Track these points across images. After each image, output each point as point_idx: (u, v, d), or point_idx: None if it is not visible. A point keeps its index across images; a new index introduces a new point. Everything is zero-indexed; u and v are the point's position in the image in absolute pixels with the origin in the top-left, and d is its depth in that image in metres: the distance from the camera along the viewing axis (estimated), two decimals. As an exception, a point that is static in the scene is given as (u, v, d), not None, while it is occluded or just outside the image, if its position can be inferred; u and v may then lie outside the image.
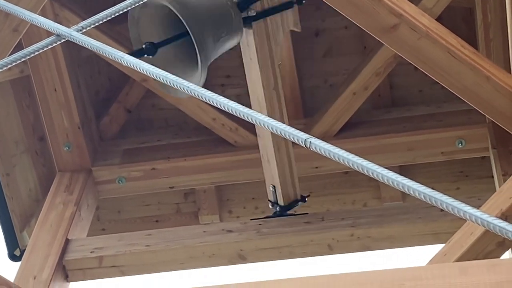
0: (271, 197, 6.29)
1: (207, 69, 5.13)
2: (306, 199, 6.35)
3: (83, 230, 6.60)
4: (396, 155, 6.78)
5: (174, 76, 2.72)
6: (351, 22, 4.62)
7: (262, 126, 2.60)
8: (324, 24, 7.33)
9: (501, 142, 5.99)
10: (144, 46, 5.11)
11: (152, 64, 3.13)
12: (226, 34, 5.43)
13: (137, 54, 5.07)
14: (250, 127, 6.54)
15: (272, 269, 6.76)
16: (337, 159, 2.38)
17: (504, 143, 5.85)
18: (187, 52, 5.35)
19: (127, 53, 3.95)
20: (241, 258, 6.36)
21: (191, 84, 2.66)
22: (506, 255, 4.81)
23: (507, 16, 3.74)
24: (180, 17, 5.08)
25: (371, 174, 2.28)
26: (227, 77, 7.06)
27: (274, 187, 6.25)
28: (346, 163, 2.34)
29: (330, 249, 6.31)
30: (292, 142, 2.52)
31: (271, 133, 4.94)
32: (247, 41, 5.66)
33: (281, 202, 6.25)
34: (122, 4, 3.16)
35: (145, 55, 5.08)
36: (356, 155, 2.37)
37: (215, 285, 1.72)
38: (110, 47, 2.95)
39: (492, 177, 6.30)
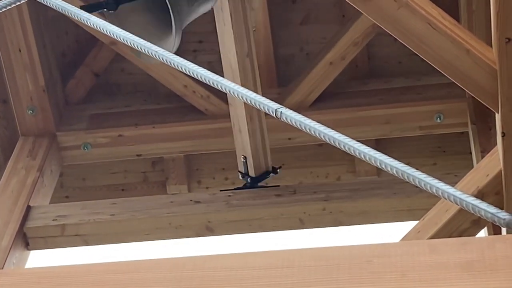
0: (241, 168, 6.32)
1: (181, 34, 5.13)
2: (278, 170, 6.38)
3: (46, 197, 6.59)
4: (373, 128, 6.79)
5: (143, 40, 2.73)
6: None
7: (233, 94, 2.62)
8: (302, -10, 7.25)
9: (480, 118, 6.01)
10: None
11: (123, 29, 3.15)
12: (200, -3, 5.45)
13: (95, 7, 5.04)
14: (222, 95, 6.40)
15: (241, 243, 6.78)
16: (308, 130, 2.40)
17: (483, 119, 5.87)
18: (160, 17, 5.37)
19: (81, 7, 3.95)
20: (208, 230, 6.36)
21: (160, 49, 2.67)
22: (481, 233, 4.85)
23: None
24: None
25: (343, 147, 2.31)
26: (199, 43, 7.04)
27: (245, 157, 6.27)
28: (318, 135, 2.37)
29: (302, 223, 6.33)
30: (265, 113, 2.52)
31: (244, 102, 4.97)
32: (221, 5, 5.66)
33: (252, 173, 6.28)
34: None
35: (105, 10, 5.08)
36: (330, 127, 2.39)
37: (180, 257, 1.73)
38: (75, 7, 2.95)
39: (470, 153, 6.33)
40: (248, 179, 6.34)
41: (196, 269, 1.64)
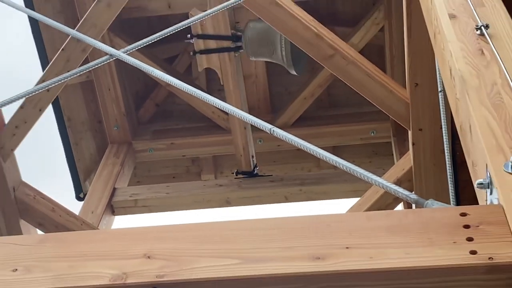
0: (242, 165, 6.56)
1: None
2: (257, 167, 6.57)
3: (125, 182, 6.69)
4: (331, 139, 6.82)
5: (185, 84, 2.73)
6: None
7: (242, 118, 2.62)
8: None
9: (399, 133, 6.07)
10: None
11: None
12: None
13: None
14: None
15: (248, 212, 6.84)
16: (290, 141, 2.41)
17: (401, 133, 5.91)
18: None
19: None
20: (227, 203, 6.56)
21: (197, 90, 2.67)
22: (399, 207, 4.88)
23: (405, 51, 3.75)
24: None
25: (312, 152, 2.31)
26: (222, 86, 7.05)
27: (253, 156, 6.45)
28: (296, 144, 2.38)
29: (286, 199, 6.44)
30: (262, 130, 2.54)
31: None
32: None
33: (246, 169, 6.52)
34: (154, 36, 3.17)
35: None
36: (303, 139, 2.40)
37: (208, 222, 1.72)
38: (145, 64, 2.96)
39: (393, 155, 6.36)
40: (255, 170, 6.55)
41: (216, 229, 1.62)
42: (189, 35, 5.77)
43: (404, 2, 3.50)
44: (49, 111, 6.18)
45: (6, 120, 4.85)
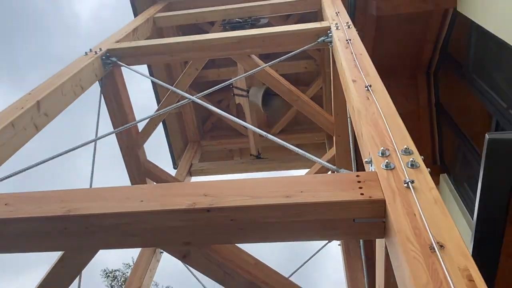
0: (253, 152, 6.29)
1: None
2: (260, 153, 6.15)
3: (196, 160, 6.43)
4: (298, 141, 6.46)
5: (230, 116, 2.70)
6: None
7: (253, 129, 2.57)
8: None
9: (329, 138, 5.71)
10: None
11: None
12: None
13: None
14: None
15: (256, 175, 6.65)
16: (277, 142, 2.37)
17: (330, 138, 5.55)
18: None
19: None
20: (245, 170, 6.28)
21: (233, 117, 2.63)
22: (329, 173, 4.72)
23: (332, 98, 3.58)
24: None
25: (284, 145, 2.26)
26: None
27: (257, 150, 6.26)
28: (278, 142, 2.33)
29: (274, 169, 6.25)
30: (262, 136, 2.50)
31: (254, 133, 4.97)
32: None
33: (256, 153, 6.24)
34: (212, 88, 3.13)
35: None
36: (284, 140, 2.36)
37: (235, 179, 1.63)
38: (206, 103, 2.91)
39: (326, 148, 6.19)
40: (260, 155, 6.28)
41: (238, 182, 1.58)
42: (231, 87, 5.75)
43: (331, 75, 3.36)
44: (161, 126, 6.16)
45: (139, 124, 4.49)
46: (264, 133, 2.37)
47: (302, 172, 5.95)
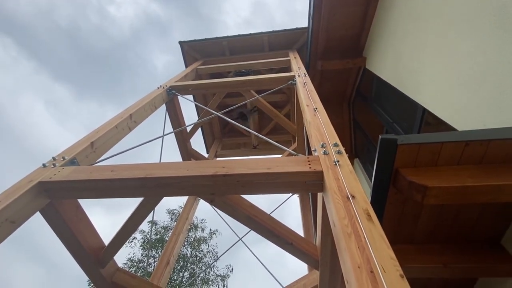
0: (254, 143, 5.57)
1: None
2: (257, 145, 4.92)
3: (220, 150, 5.62)
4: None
5: (240, 125, 2.48)
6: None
7: (252, 133, 2.42)
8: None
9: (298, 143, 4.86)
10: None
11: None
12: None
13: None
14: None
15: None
16: (269, 142, 2.23)
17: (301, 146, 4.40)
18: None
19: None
20: (247, 155, 5.53)
21: (243, 126, 2.42)
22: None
23: (295, 123, 3.10)
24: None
25: (269, 141, 2.13)
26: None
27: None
28: (267, 140, 2.16)
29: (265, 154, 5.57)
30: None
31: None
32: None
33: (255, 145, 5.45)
34: (230, 108, 2.93)
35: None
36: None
37: (237, 159, 1.42)
38: (227, 117, 2.77)
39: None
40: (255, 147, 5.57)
41: (237, 161, 1.47)
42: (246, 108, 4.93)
43: (295, 102, 2.75)
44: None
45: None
46: (258, 134, 2.34)
47: (278, 155, 5.39)
